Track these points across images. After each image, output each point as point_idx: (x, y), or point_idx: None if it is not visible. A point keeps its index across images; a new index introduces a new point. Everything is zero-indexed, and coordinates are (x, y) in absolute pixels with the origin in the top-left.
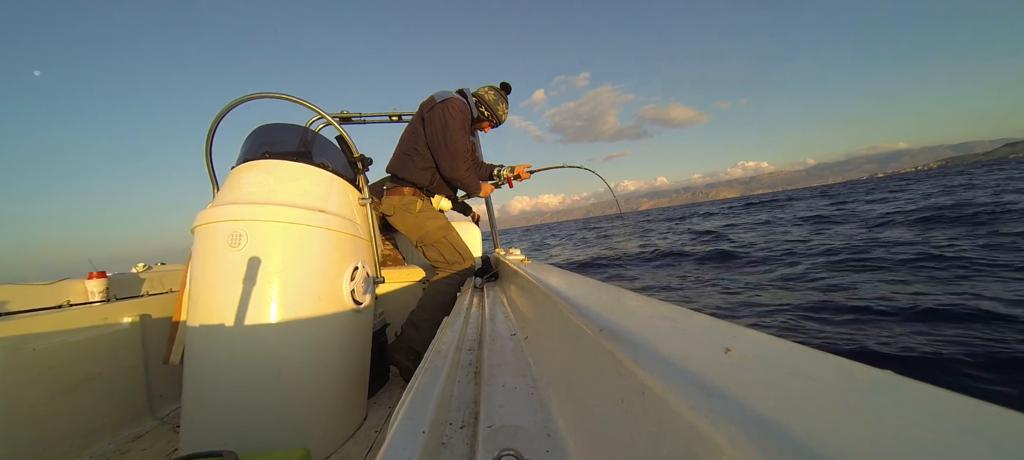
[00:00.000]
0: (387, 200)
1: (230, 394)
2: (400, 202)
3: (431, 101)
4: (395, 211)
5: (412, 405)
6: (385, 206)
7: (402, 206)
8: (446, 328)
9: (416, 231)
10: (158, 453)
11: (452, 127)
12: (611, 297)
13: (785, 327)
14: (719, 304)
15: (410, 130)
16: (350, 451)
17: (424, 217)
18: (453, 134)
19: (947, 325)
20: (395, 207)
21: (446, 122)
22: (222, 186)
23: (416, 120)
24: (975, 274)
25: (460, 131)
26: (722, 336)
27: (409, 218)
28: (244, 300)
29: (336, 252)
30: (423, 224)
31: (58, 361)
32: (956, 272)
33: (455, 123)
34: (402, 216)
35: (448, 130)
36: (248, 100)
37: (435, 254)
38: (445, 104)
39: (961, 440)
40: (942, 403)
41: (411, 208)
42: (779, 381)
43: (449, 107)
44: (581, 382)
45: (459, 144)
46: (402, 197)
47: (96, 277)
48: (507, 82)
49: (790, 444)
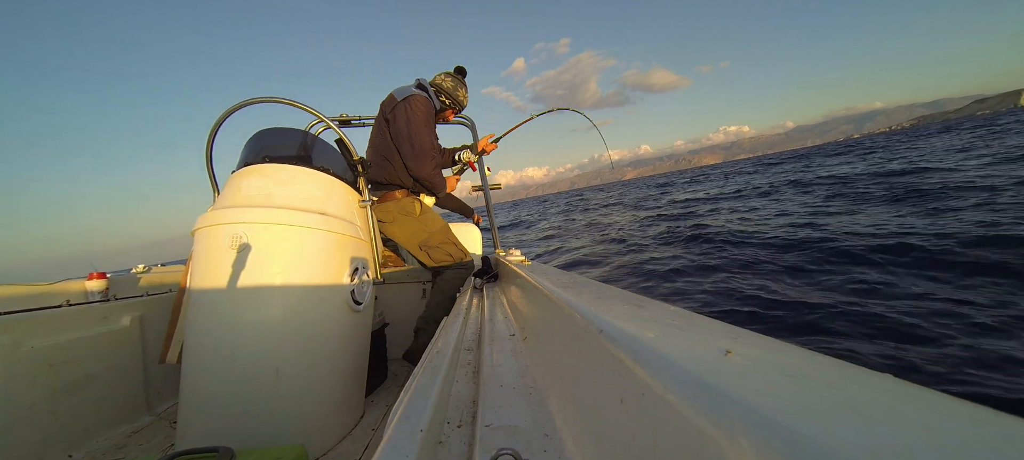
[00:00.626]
0: (381, 208)
1: (228, 391)
2: (397, 207)
3: (392, 100)
4: (393, 217)
5: (410, 404)
6: (380, 213)
7: (400, 210)
8: (445, 328)
9: (419, 235)
10: (155, 448)
11: (416, 124)
12: (611, 298)
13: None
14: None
15: (378, 133)
16: (347, 449)
17: (426, 219)
18: (418, 131)
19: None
20: (392, 213)
21: (409, 119)
22: (222, 190)
23: (380, 122)
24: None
25: (425, 128)
26: (722, 337)
27: (410, 222)
28: (244, 300)
29: (336, 253)
30: (427, 226)
31: (57, 360)
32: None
33: (419, 120)
34: (403, 222)
35: (412, 127)
36: (248, 105)
37: (442, 255)
38: (407, 102)
39: (958, 443)
40: (940, 406)
41: (411, 211)
42: (779, 382)
43: (412, 104)
44: (580, 382)
45: (425, 142)
46: (397, 202)
47: (96, 277)
48: (462, 66)
49: (790, 445)
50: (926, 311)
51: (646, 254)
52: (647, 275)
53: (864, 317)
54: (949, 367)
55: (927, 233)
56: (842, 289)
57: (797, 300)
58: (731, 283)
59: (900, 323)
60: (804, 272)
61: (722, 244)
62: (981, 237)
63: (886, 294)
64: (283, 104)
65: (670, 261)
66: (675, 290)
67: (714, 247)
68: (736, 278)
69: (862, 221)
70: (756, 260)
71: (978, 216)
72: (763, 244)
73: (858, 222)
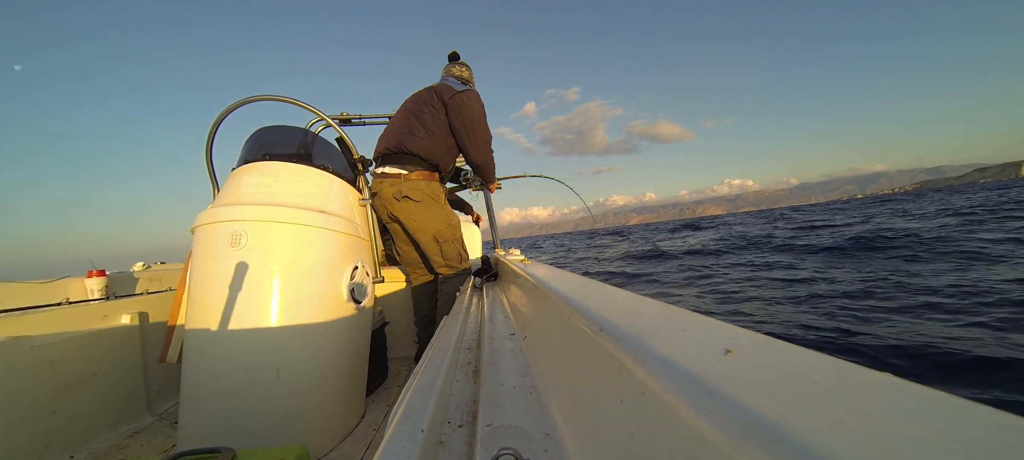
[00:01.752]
0: (409, 183)
1: (229, 391)
2: (428, 187)
3: (448, 89)
4: (422, 197)
5: (410, 404)
6: (408, 188)
7: (431, 193)
8: (445, 327)
9: (438, 224)
10: (156, 449)
11: (479, 114)
12: (611, 297)
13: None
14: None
15: (429, 112)
16: (348, 449)
17: (447, 209)
18: (481, 120)
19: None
20: (422, 192)
21: (473, 109)
22: (222, 187)
23: (432, 103)
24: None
25: (486, 120)
26: (722, 337)
27: (435, 208)
28: (244, 299)
29: (336, 252)
30: (449, 218)
31: (57, 358)
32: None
33: (481, 113)
34: (428, 205)
35: (475, 116)
36: (248, 102)
37: (452, 251)
38: (469, 95)
39: (959, 442)
40: (941, 406)
41: (438, 196)
42: (779, 382)
43: (474, 98)
44: (580, 382)
45: (488, 133)
46: (429, 182)
47: (95, 275)
48: (454, 52)
49: (790, 445)
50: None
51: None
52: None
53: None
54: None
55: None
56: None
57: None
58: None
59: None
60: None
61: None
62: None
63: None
64: (284, 102)
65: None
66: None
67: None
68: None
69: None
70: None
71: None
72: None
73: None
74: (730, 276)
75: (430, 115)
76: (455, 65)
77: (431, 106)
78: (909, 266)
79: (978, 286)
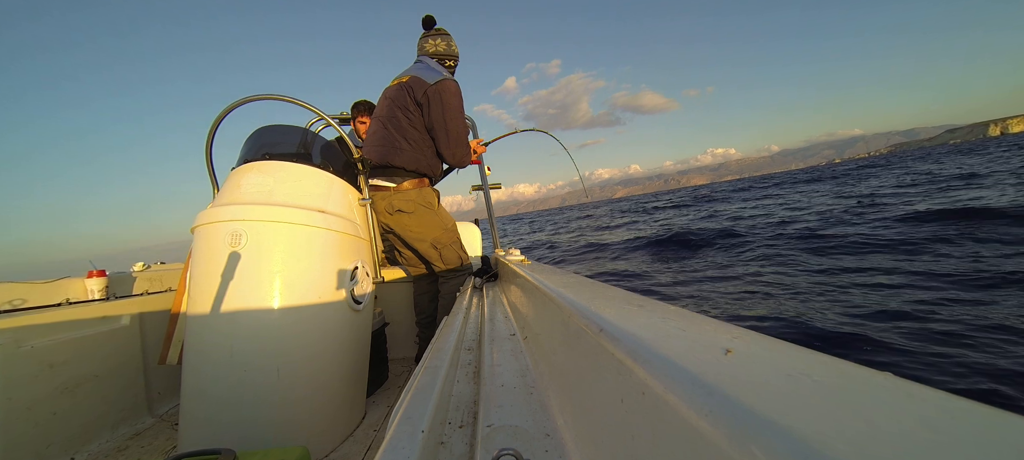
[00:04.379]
0: (400, 195)
1: (229, 392)
2: (419, 196)
3: (421, 83)
4: (414, 208)
5: (411, 404)
6: (399, 201)
7: (422, 200)
8: (445, 328)
9: (434, 230)
10: (157, 450)
11: (453, 110)
12: (611, 298)
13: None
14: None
15: (404, 115)
16: (349, 450)
17: (442, 214)
18: (455, 117)
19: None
20: (414, 203)
21: (446, 105)
22: (222, 187)
23: (408, 103)
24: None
25: (461, 114)
26: (722, 337)
27: (429, 215)
28: (244, 299)
29: (336, 252)
30: (443, 222)
31: (57, 358)
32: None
33: (456, 107)
34: (422, 214)
35: (448, 113)
36: (248, 102)
37: (451, 255)
38: (443, 87)
39: (959, 442)
40: (941, 405)
41: (431, 203)
42: (779, 382)
43: (449, 90)
44: (581, 382)
45: (462, 128)
46: (420, 190)
47: (95, 276)
48: (429, 15)
49: (790, 445)
50: None
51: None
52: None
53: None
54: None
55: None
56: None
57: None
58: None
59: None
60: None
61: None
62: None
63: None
64: (284, 102)
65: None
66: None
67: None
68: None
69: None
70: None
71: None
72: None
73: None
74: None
75: (407, 120)
76: (429, 38)
77: (406, 111)
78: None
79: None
